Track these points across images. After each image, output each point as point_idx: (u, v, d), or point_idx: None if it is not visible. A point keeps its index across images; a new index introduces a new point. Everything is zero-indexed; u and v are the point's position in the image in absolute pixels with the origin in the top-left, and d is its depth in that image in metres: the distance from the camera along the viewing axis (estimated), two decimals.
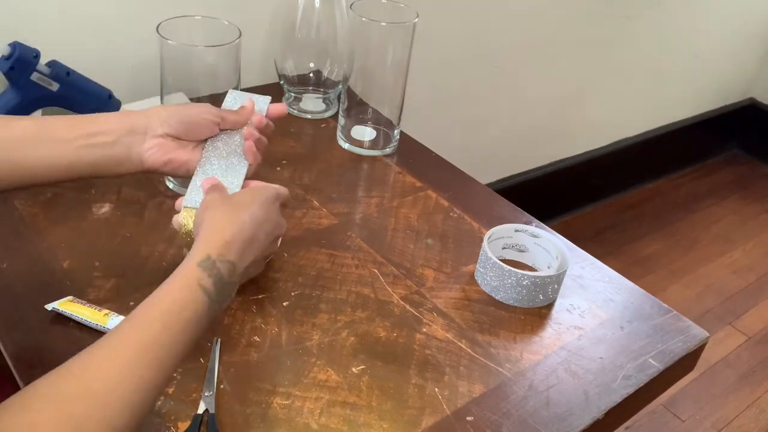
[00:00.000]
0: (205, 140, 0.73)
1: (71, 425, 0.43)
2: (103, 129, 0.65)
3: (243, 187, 0.71)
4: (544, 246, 0.81)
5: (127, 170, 0.68)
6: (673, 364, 0.73)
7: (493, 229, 0.81)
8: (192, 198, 0.69)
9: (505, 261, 0.78)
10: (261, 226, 0.61)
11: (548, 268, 0.81)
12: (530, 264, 0.83)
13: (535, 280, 0.75)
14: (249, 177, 0.73)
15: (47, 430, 0.42)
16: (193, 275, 0.54)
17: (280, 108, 0.78)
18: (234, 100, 0.78)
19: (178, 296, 0.52)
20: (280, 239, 0.68)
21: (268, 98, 0.79)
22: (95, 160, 0.65)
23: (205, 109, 0.72)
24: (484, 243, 0.78)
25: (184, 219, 0.67)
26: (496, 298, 0.77)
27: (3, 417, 0.42)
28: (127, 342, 0.49)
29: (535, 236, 0.82)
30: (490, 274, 0.77)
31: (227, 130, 0.74)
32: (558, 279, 0.77)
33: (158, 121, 0.68)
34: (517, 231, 0.82)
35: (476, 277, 0.80)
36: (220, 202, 0.63)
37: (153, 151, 0.68)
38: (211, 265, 0.55)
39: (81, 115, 0.67)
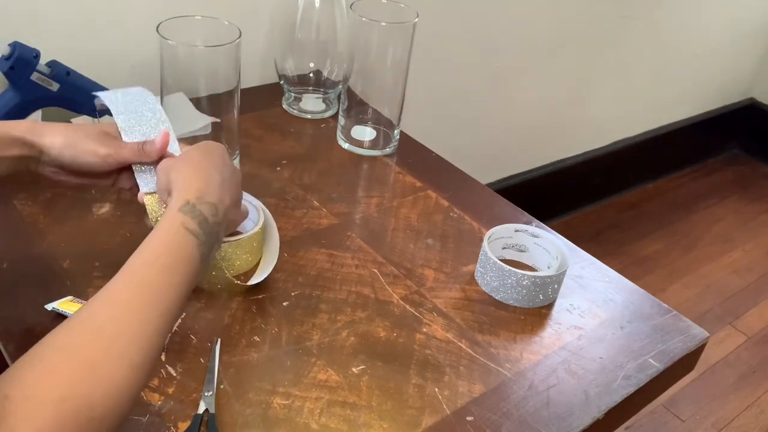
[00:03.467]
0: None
1: (86, 367, 0.44)
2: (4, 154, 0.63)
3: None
4: (544, 246, 0.81)
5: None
6: (673, 364, 0.73)
7: (493, 229, 0.81)
8: (147, 183, 0.67)
9: (505, 261, 0.78)
10: (222, 171, 0.64)
11: (548, 268, 0.81)
12: (530, 264, 0.83)
13: (535, 280, 0.75)
14: None
15: (62, 376, 0.43)
16: (177, 220, 0.56)
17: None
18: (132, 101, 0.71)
19: (167, 240, 0.55)
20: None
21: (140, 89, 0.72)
22: (5, 170, 0.64)
23: (93, 148, 0.65)
24: (484, 243, 0.78)
25: (150, 206, 0.66)
26: (496, 298, 0.77)
27: (20, 369, 0.43)
28: (128, 288, 0.50)
29: (535, 236, 0.82)
30: (490, 274, 0.77)
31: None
32: (558, 279, 0.77)
33: (51, 157, 0.65)
34: (517, 231, 0.82)
35: (476, 277, 0.80)
36: (179, 161, 0.64)
37: (54, 176, 0.66)
38: (192, 209, 0.57)
39: None
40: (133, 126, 0.68)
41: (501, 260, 0.76)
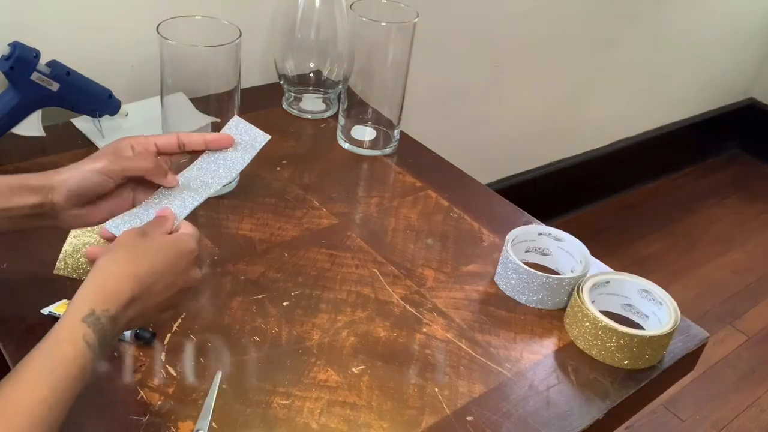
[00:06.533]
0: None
1: None
2: (15, 204, 0.62)
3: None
4: (567, 250, 0.81)
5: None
6: (673, 364, 0.73)
7: (515, 231, 0.80)
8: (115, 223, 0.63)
9: (527, 264, 0.77)
10: (160, 278, 0.58)
11: (571, 272, 0.80)
12: (553, 267, 0.83)
13: (561, 282, 0.75)
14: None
15: None
16: (78, 331, 0.52)
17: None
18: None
19: (64, 352, 0.51)
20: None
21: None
22: (17, 227, 0.63)
23: (105, 165, 0.63)
24: (507, 245, 0.77)
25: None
26: (519, 300, 0.77)
27: None
28: (13, 404, 0.48)
29: (558, 240, 0.81)
30: (513, 276, 0.76)
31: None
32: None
33: (63, 199, 0.63)
34: (540, 234, 0.81)
35: (496, 280, 0.79)
36: (127, 245, 0.58)
37: (77, 220, 0.64)
38: (95, 320, 0.53)
39: None
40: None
41: (524, 263, 0.76)
